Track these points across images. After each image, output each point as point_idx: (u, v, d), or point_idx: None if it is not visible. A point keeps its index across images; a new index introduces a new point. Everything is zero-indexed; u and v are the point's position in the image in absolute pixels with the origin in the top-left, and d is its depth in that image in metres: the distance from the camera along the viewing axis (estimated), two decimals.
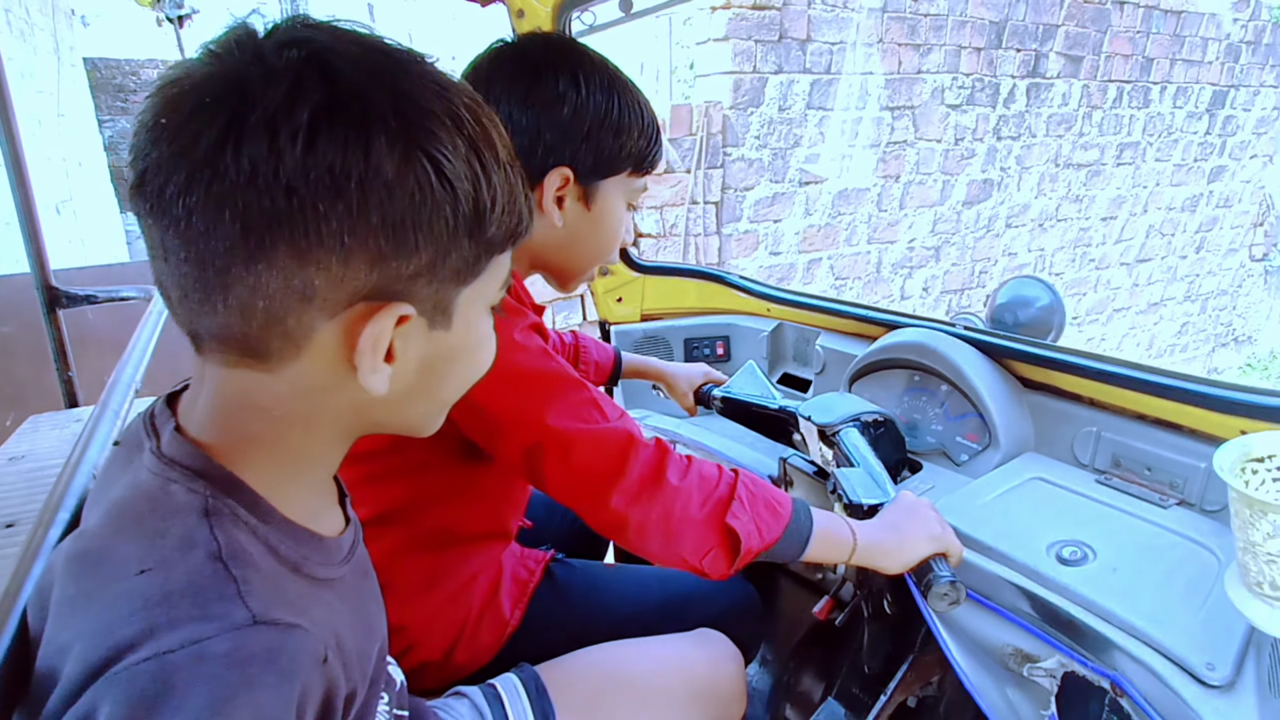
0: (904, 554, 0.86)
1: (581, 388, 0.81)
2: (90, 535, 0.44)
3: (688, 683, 0.89)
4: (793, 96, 3.41)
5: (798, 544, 0.84)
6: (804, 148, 3.54)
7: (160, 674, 0.35)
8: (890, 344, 1.25)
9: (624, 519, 0.78)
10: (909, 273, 4.23)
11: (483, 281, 0.49)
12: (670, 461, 0.80)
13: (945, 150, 4.01)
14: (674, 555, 0.79)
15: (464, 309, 0.49)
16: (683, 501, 0.78)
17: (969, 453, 1.14)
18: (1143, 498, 0.95)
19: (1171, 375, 0.94)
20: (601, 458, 0.78)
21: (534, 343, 0.81)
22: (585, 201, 0.90)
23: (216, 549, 0.41)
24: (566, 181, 0.87)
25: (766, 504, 0.83)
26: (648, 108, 0.90)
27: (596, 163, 0.87)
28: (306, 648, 0.41)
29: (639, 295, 1.73)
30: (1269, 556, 0.55)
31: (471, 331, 0.51)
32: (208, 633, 0.37)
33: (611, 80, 0.87)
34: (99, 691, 0.35)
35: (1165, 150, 4.93)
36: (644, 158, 0.91)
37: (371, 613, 0.56)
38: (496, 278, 0.51)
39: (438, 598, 0.91)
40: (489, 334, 0.54)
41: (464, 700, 0.80)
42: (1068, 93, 4.32)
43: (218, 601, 0.39)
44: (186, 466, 0.44)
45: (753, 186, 3.45)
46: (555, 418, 0.77)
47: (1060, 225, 4.75)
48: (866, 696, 1.35)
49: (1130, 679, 0.74)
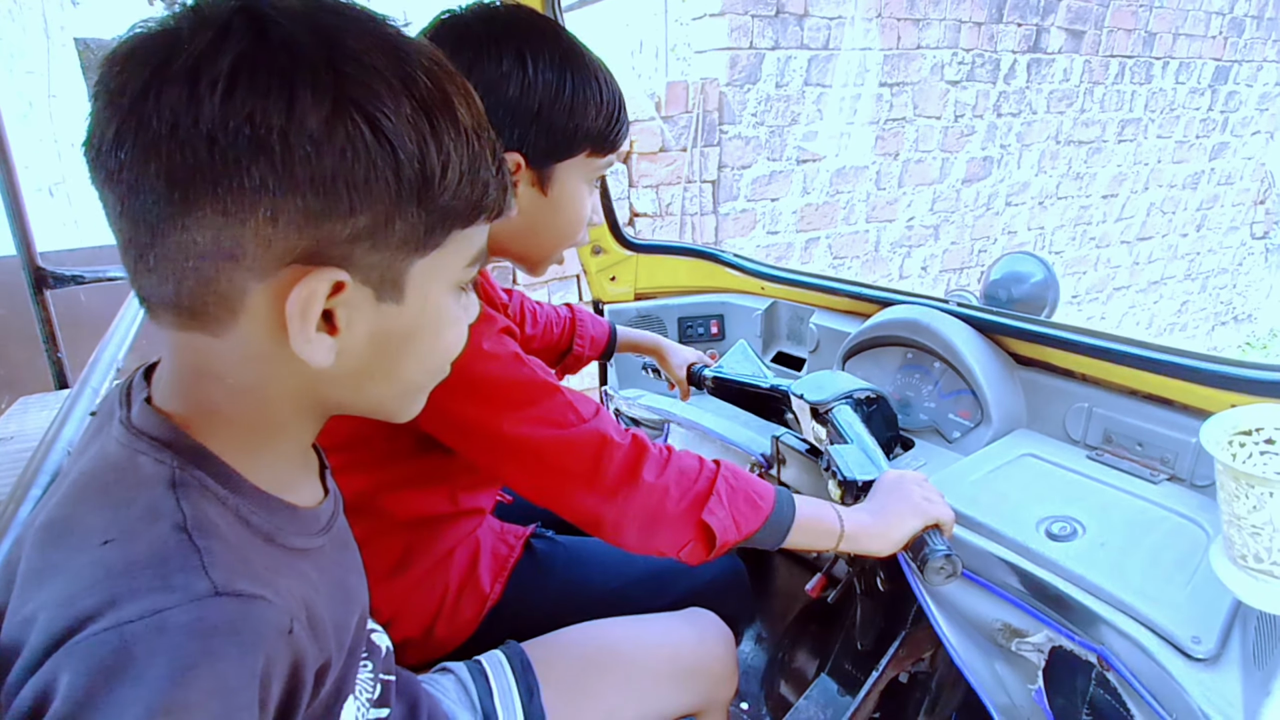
0: (892, 534, 0.85)
1: (554, 392, 0.79)
2: (57, 505, 0.44)
3: (676, 661, 0.90)
4: (790, 73, 3.37)
5: (777, 535, 0.84)
6: (802, 125, 3.51)
7: (120, 644, 0.35)
8: (883, 321, 1.24)
9: (599, 517, 0.78)
10: (908, 251, 4.20)
11: (442, 255, 0.47)
12: (647, 458, 0.79)
13: (945, 127, 3.97)
14: (650, 548, 0.80)
15: (420, 283, 0.46)
16: (658, 498, 0.78)
17: (961, 430, 1.14)
18: (1133, 473, 0.95)
19: (1163, 350, 0.93)
20: (574, 460, 0.77)
21: (505, 349, 0.78)
22: (540, 186, 0.85)
23: (182, 520, 0.40)
24: (518, 167, 0.82)
25: (746, 497, 0.82)
26: (608, 82, 0.84)
27: (550, 145, 0.82)
28: (269, 619, 0.40)
29: (633, 274, 1.72)
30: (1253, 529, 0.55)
31: (430, 309, 0.48)
32: (169, 603, 0.36)
33: (564, 54, 0.81)
34: (59, 661, 0.35)
35: (1167, 127, 4.88)
36: (604, 137, 0.85)
37: (351, 583, 0.55)
38: (461, 254, 0.48)
39: (412, 576, 0.91)
40: (455, 315, 0.51)
41: (450, 675, 0.80)
42: (1069, 68, 4.27)
43: (180, 572, 0.38)
44: (154, 437, 0.44)
45: (750, 165, 3.43)
46: (527, 426, 0.76)
47: (1061, 203, 4.71)
48: (859, 672, 1.37)
49: (1117, 653, 0.74)
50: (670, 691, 0.88)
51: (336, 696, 0.51)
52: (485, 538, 1.00)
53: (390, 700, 0.61)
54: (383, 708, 0.60)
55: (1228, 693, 0.64)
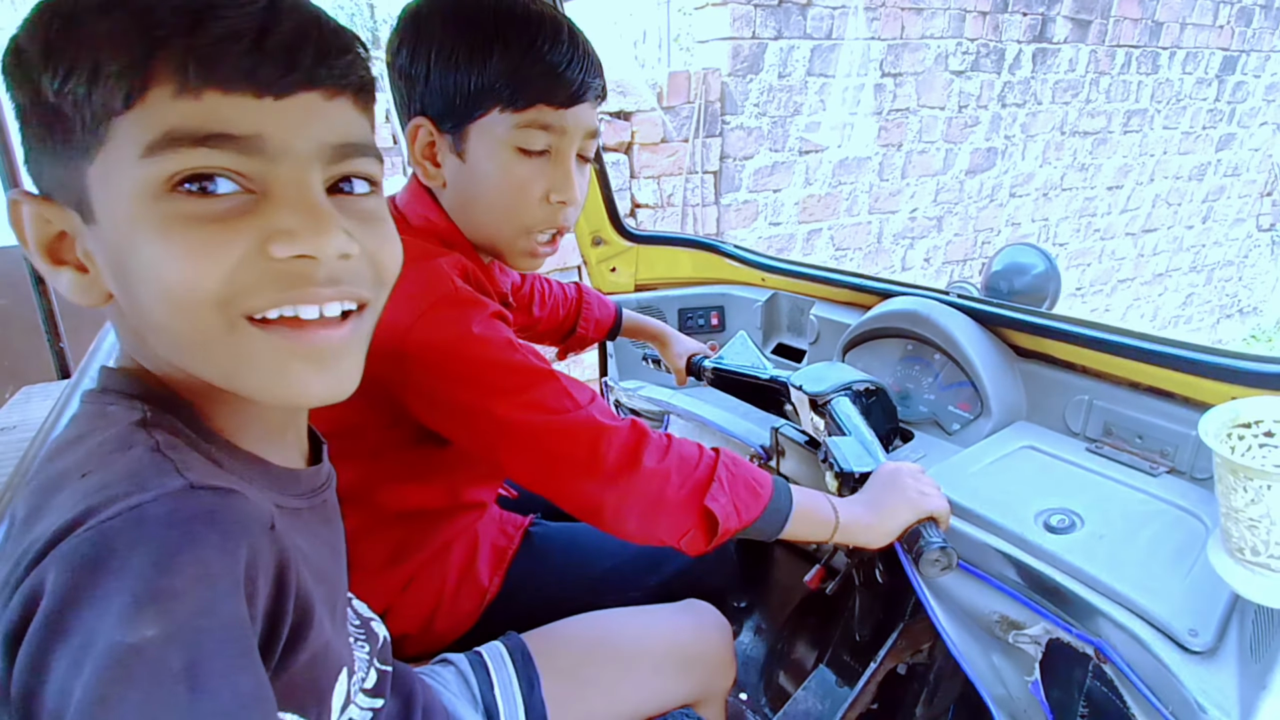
0: (885, 526, 0.85)
1: (548, 377, 0.77)
2: (37, 467, 0.44)
3: (674, 651, 0.90)
4: (793, 63, 3.35)
5: (777, 523, 0.83)
6: (804, 115, 3.49)
7: (100, 539, 0.35)
8: (883, 313, 1.24)
9: (599, 504, 0.76)
10: (910, 243, 4.19)
11: (113, 155, 0.40)
12: (647, 444, 0.77)
13: (948, 118, 3.95)
14: (651, 536, 0.78)
15: (104, 194, 0.41)
16: (659, 484, 0.76)
17: (961, 422, 1.14)
18: (1133, 465, 0.95)
19: (1164, 342, 0.93)
20: (572, 445, 0.75)
21: (497, 334, 0.76)
22: (457, 152, 0.81)
23: (154, 444, 0.41)
24: (431, 134, 0.80)
25: (746, 484, 0.81)
26: (521, 26, 0.76)
27: (446, 104, 0.78)
28: (248, 511, 0.40)
29: (633, 265, 1.72)
30: (1250, 522, 0.54)
31: (130, 225, 0.40)
32: (145, 499, 0.37)
33: (462, 9, 0.77)
34: (44, 566, 0.35)
35: (1173, 117, 4.84)
36: (515, 87, 0.76)
37: (325, 558, 0.54)
38: (126, 147, 0.39)
39: (408, 570, 0.90)
40: (160, 234, 0.40)
41: (450, 667, 0.80)
42: (1075, 58, 4.24)
43: (155, 477, 0.38)
44: (122, 392, 0.45)
45: (752, 155, 3.41)
46: (522, 411, 0.74)
47: (1065, 194, 4.69)
48: (857, 664, 1.37)
49: (1114, 645, 0.74)
50: (669, 681, 0.89)
51: (334, 664, 0.50)
52: (485, 530, 1.00)
53: (385, 691, 0.61)
54: (377, 698, 0.60)
55: (1224, 686, 0.64)
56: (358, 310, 0.47)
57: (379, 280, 0.48)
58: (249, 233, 0.41)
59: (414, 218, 0.85)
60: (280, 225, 0.41)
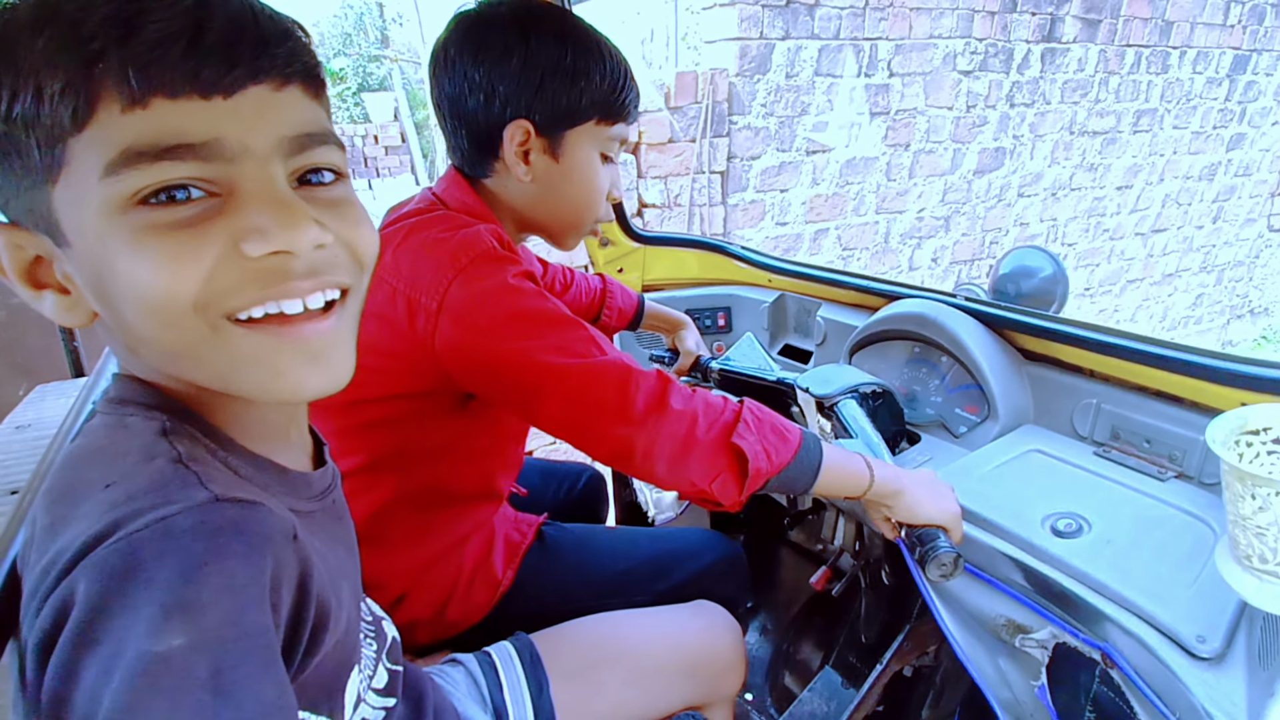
0: (917, 508, 0.85)
1: (578, 325, 0.81)
2: (57, 472, 0.44)
3: (683, 653, 0.90)
4: (800, 63, 3.35)
5: (809, 471, 0.83)
6: (811, 115, 3.48)
7: (129, 551, 0.36)
8: (890, 315, 1.24)
9: (630, 445, 0.77)
10: (918, 243, 4.17)
11: (74, 176, 0.40)
12: (673, 389, 0.80)
13: (956, 118, 3.93)
14: (681, 479, 0.79)
15: (71, 216, 0.40)
16: (688, 424, 0.78)
17: (968, 425, 1.13)
18: (1141, 470, 0.94)
19: (1172, 347, 0.92)
20: (602, 388, 0.78)
21: (527, 286, 0.80)
22: (552, 154, 0.89)
23: (177, 455, 0.41)
24: (528, 135, 0.86)
25: (774, 429, 0.82)
26: (612, 55, 0.89)
27: (555, 113, 0.86)
28: (272, 522, 0.41)
29: (640, 266, 1.72)
30: (1258, 530, 0.54)
31: (101, 243, 0.40)
32: (172, 511, 0.38)
33: (564, 29, 0.86)
34: (75, 577, 0.36)
35: (1183, 117, 4.81)
36: (610, 105, 0.89)
37: (342, 555, 0.55)
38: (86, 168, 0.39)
39: (428, 553, 0.92)
40: (131, 247, 0.40)
41: (459, 668, 0.80)
42: (1084, 58, 4.21)
43: (180, 490, 0.39)
44: (140, 403, 0.45)
45: (759, 155, 3.41)
46: (552, 354, 0.77)
47: (1074, 194, 4.66)
48: (863, 666, 1.37)
49: (1121, 650, 0.74)
50: (677, 684, 0.89)
51: (345, 662, 0.51)
52: (500, 525, 1.02)
53: (398, 691, 0.62)
54: (389, 697, 0.60)
55: (1232, 693, 0.64)
56: (341, 298, 0.47)
57: (358, 265, 0.48)
58: (220, 235, 0.41)
59: (452, 201, 0.91)
60: (250, 224, 0.41)
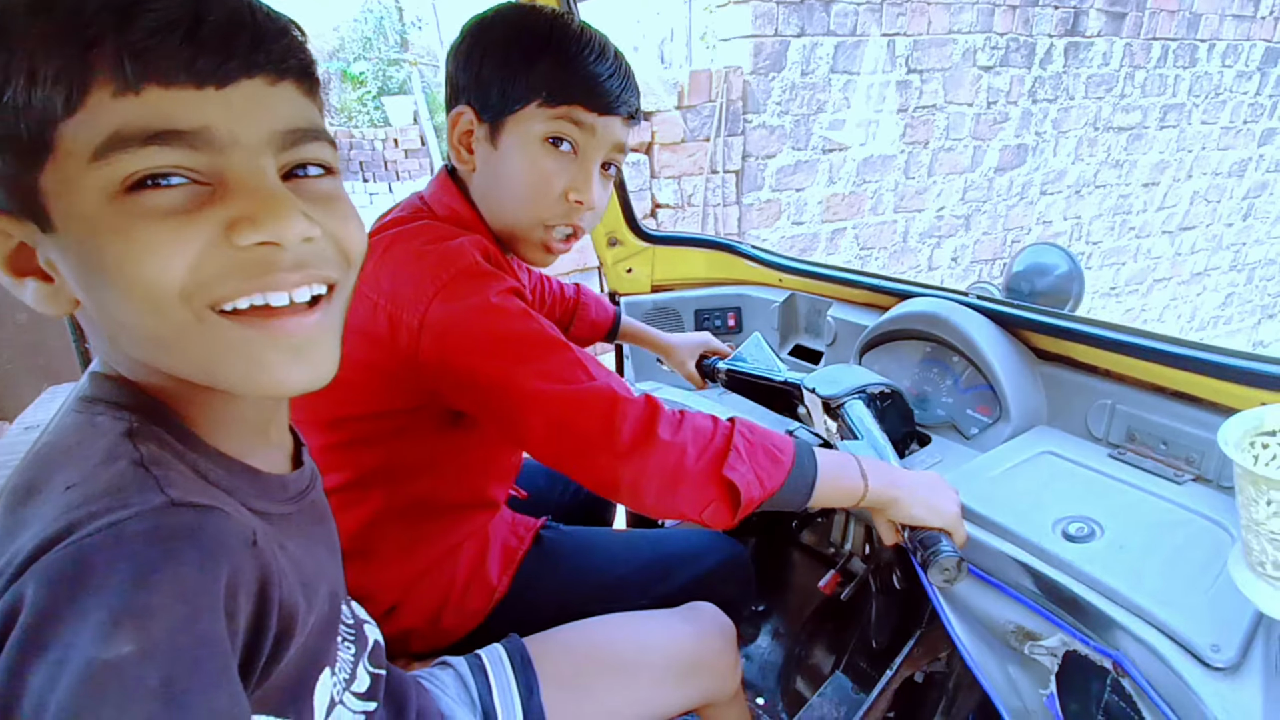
0: (913, 509, 0.82)
1: (564, 348, 0.78)
2: (21, 471, 0.44)
3: (676, 657, 0.89)
4: (816, 60, 3.32)
5: (803, 490, 0.80)
6: (828, 113, 3.45)
7: (80, 556, 0.35)
8: (901, 314, 1.21)
9: (616, 476, 0.75)
10: (938, 242, 4.12)
11: (62, 161, 0.39)
12: (661, 417, 0.76)
13: (977, 114, 3.88)
14: (671, 510, 0.77)
15: (58, 201, 0.40)
16: (676, 455, 0.75)
17: (979, 426, 1.11)
18: (1157, 473, 0.91)
19: (1189, 345, 0.89)
20: (588, 417, 0.75)
21: (512, 304, 0.77)
22: (491, 141, 0.84)
23: (139, 457, 0.41)
24: (471, 123, 0.84)
25: (766, 451, 0.79)
26: (570, 34, 0.82)
27: (492, 95, 0.82)
28: (229, 529, 0.40)
29: (649, 266, 1.71)
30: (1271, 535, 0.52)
31: (89, 229, 0.40)
32: (125, 515, 0.37)
33: (528, 18, 0.82)
34: (24, 581, 0.35)
35: (1212, 112, 4.71)
36: (556, 82, 0.81)
37: (322, 553, 0.54)
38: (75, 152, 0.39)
39: (419, 564, 0.91)
40: (120, 234, 0.40)
41: (449, 670, 0.80)
42: (1108, 52, 4.14)
43: (137, 493, 0.38)
44: (111, 401, 0.45)
45: (775, 154, 3.38)
46: (536, 379, 0.74)
47: (1099, 192, 4.58)
48: (874, 670, 1.35)
49: (1133, 659, 0.71)
50: (671, 688, 0.88)
51: (312, 664, 0.50)
52: (497, 530, 1.00)
53: (379, 695, 0.61)
54: (370, 701, 0.60)
55: (1247, 705, 0.61)
56: (327, 294, 0.47)
57: (345, 260, 0.48)
58: (209, 223, 0.41)
59: (439, 207, 0.88)
60: (239, 213, 0.41)
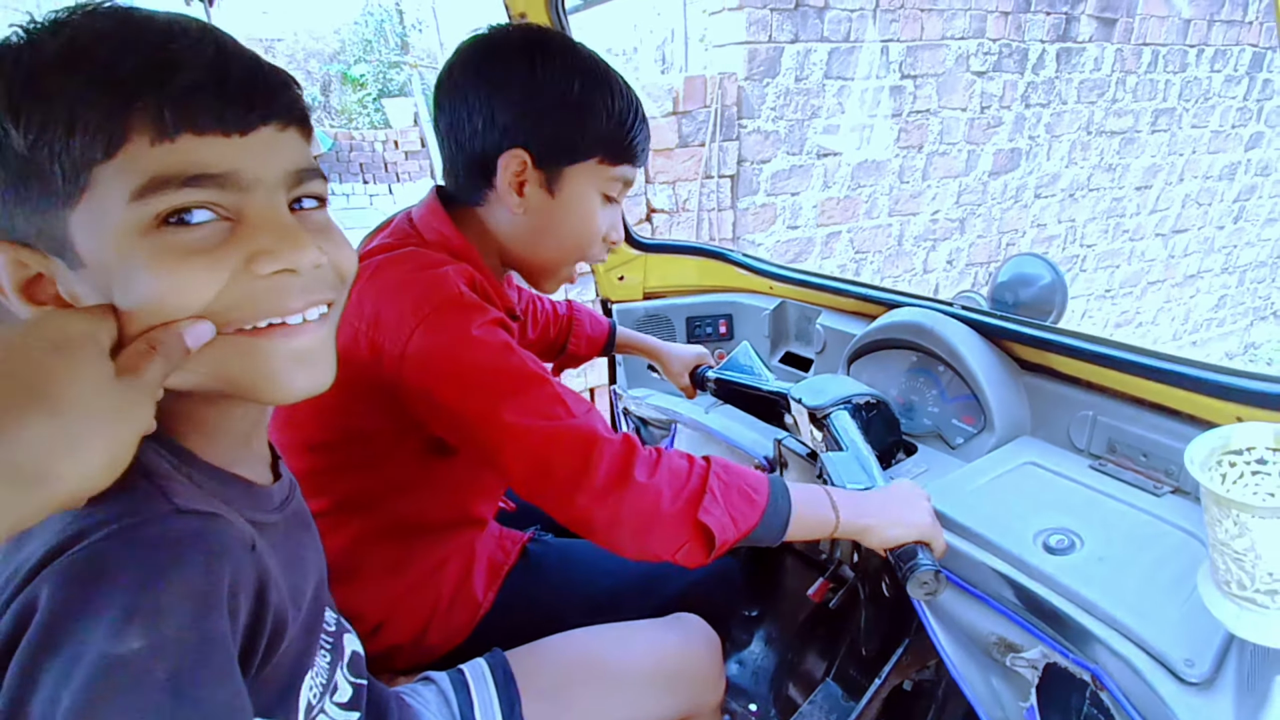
0: (887, 532, 0.83)
1: (544, 383, 0.78)
2: None
3: (659, 667, 0.89)
4: (810, 66, 3.33)
5: (776, 528, 0.82)
6: (822, 119, 3.46)
7: (93, 557, 0.38)
8: (887, 324, 1.22)
9: (592, 517, 0.75)
10: (933, 245, 4.14)
11: (96, 200, 0.41)
12: (638, 458, 0.77)
13: (970, 119, 3.90)
14: (646, 551, 0.77)
15: (90, 238, 0.42)
16: (651, 498, 0.75)
17: (964, 435, 1.12)
18: (1136, 485, 0.92)
19: (1168, 359, 0.90)
20: (564, 455, 0.75)
21: (495, 338, 0.77)
22: (548, 188, 0.85)
23: (142, 469, 0.43)
24: (524, 165, 0.83)
25: (741, 492, 0.80)
26: (623, 94, 0.85)
27: (555, 146, 0.83)
28: (232, 534, 0.43)
29: (641, 273, 1.71)
30: (1235, 555, 0.53)
31: (120, 263, 0.42)
32: (136, 521, 0.40)
33: (575, 62, 0.83)
34: (38, 583, 0.38)
35: (1202, 116, 4.73)
36: (616, 145, 0.86)
37: (308, 558, 0.57)
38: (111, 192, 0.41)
39: (404, 583, 0.91)
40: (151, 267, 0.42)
41: (431, 686, 0.80)
42: (1100, 57, 4.16)
43: (144, 502, 0.41)
44: None
45: (769, 159, 3.39)
46: (515, 414, 0.74)
47: (1092, 195, 4.60)
48: (863, 678, 1.35)
49: (1110, 673, 0.72)
50: (655, 699, 0.88)
51: (298, 666, 0.53)
52: (483, 545, 1.00)
53: (361, 705, 0.62)
54: (353, 711, 0.61)
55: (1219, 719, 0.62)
56: (327, 310, 0.51)
57: (341, 281, 0.52)
58: (232, 256, 0.44)
59: (428, 232, 0.88)
60: (261, 246, 0.45)
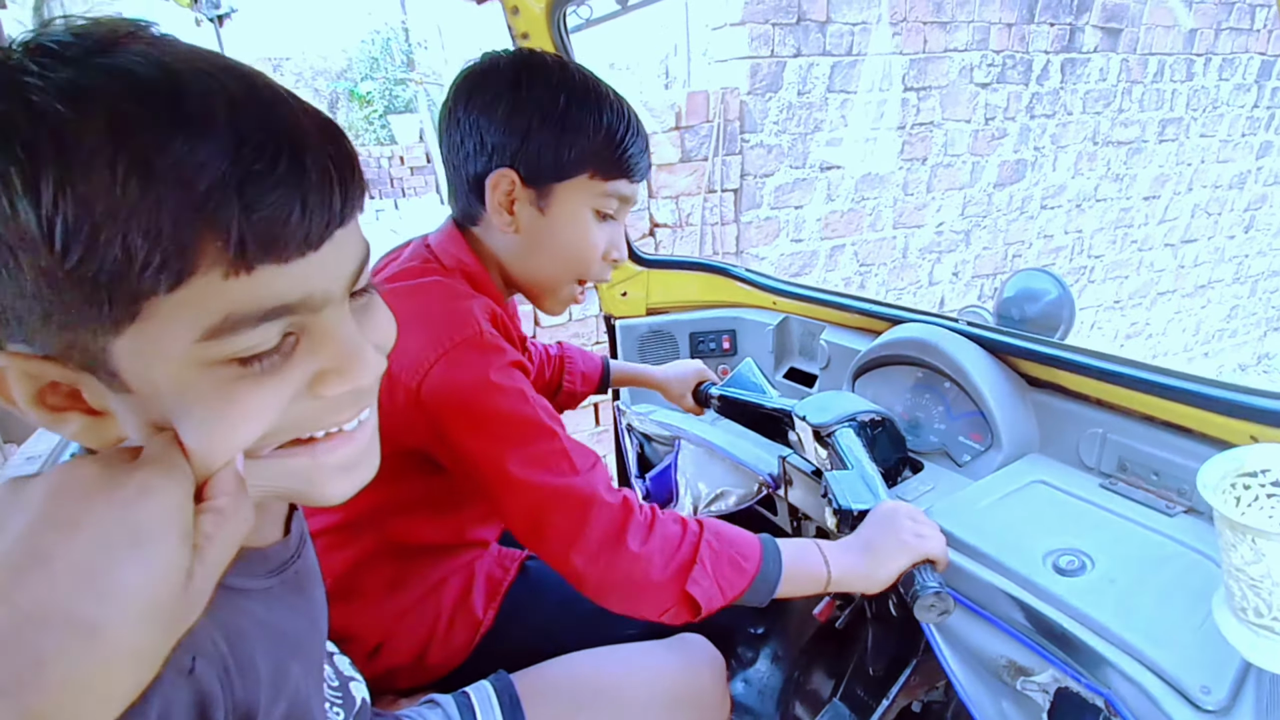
0: (880, 574, 0.84)
1: (552, 436, 0.78)
2: None
3: (665, 690, 0.88)
4: (812, 80, 3.33)
5: (764, 592, 0.83)
6: (825, 132, 3.46)
7: None
8: (892, 340, 1.21)
9: (582, 576, 0.77)
10: (938, 257, 4.12)
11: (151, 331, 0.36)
12: (632, 523, 0.78)
13: (975, 131, 3.89)
14: (633, 612, 0.79)
15: (139, 366, 0.37)
16: (642, 568, 0.77)
17: (971, 453, 1.10)
18: (1148, 504, 0.90)
19: (1179, 376, 0.89)
20: (561, 515, 0.76)
21: (511, 383, 0.77)
22: (538, 206, 0.85)
23: None
24: (513, 184, 0.83)
25: (731, 561, 0.81)
26: (613, 108, 0.85)
27: (542, 163, 0.83)
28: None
29: (644, 289, 1.71)
30: (1252, 582, 0.51)
31: (176, 393, 0.38)
32: None
33: (562, 80, 0.83)
34: None
35: (1210, 125, 4.71)
36: (607, 159, 0.85)
37: (301, 629, 0.53)
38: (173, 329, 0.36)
39: (404, 602, 0.91)
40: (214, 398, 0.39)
41: (437, 710, 0.79)
42: (1105, 67, 4.15)
43: None
44: None
45: (772, 173, 3.39)
46: (519, 467, 0.75)
47: (1099, 206, 4.58)
48: (871, 699, 1.33)
49: (1123, 699, 0.70)
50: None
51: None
52: (482, 563, 1.00)
53: None
54: None
55: None
56: (373, 406, 0.48)
57: (384, 362, 0.48)
58: (298, 376, 0.41)
59: (447, 258, 0.88)
60: (327, 365, 0.42)
